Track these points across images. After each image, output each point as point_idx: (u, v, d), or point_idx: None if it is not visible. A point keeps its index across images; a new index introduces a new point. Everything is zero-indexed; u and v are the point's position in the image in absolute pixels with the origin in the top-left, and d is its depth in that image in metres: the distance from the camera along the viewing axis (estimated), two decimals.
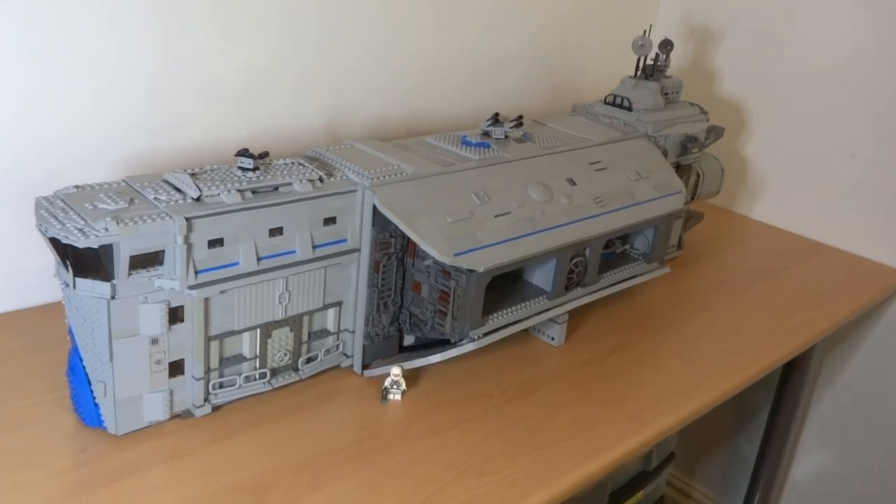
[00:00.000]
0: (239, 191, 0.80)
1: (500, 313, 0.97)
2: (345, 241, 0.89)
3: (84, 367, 0.78)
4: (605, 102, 1.30)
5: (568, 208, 1.00)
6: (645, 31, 1.27)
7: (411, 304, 0.95)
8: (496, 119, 1.06)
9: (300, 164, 0.89)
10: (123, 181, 0.81)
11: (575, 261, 1.03)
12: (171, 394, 0.81)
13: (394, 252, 0.92)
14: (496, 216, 0.93)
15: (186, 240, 0.75)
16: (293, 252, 0.85)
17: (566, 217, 0.99)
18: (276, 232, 0.83)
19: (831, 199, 1.54)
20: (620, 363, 1.05)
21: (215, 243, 0.78)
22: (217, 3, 1.05)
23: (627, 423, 0.92)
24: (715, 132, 1.39)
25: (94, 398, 0.79)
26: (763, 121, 1.62)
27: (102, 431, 0.80)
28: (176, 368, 0.81)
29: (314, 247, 0.86)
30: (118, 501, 0.73)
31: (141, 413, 0.80)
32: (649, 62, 1.31)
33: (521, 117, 1.07)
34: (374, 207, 0.87)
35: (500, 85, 1.47)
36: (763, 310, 1.25)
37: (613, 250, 1.16)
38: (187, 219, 0.75)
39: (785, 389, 1.56)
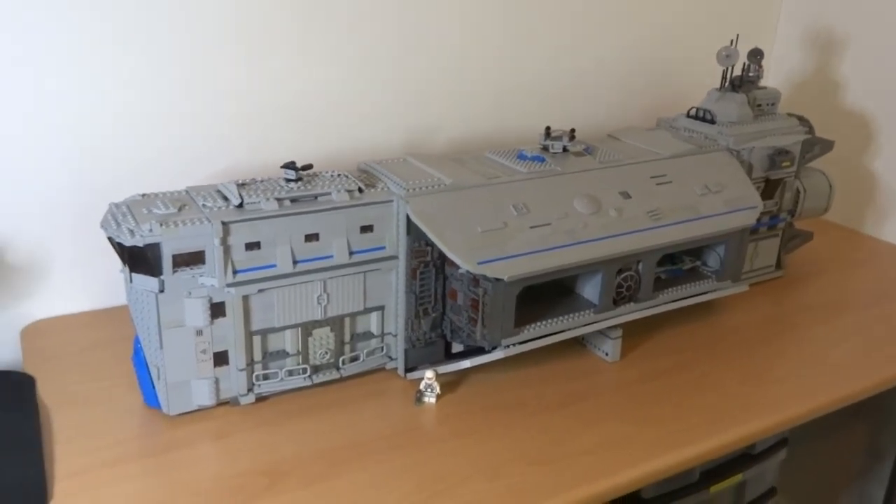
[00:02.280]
0: (277, 199, 0.88)
1: (538, 324, 0.98)
2: (383, 248, 0.94)
3: (143, 353, 0.89)
4: (688, 116, 1.26)
5: (615, 221, 0.99)
6: (732, 41, 1.22)
7: (450, 311, 0.98)
8: (548, 133, 1.07)
9: (345, 175, 0.95)
10: (185, 190, 0.91)
11: (624, 274, 1.01)
12: (217, 381, 0.90)
13: (430, 260, 0.96)
14: (532, 227, 0.94)
15: (224, 242, 0.84)
16: (330, 257, 0.91)
17: (611, 230, 0.98)
18: (311, 237, 0.89)
19: None
20: (673, 384, 1.02)
21: (252, 246, 0.86)
22: (298, 27, 1.15)
23: (654, 446, 0.89)
24: (821, 145, 1.30)
25: (151, 381, 0.89)
26: (892, 133, 1.48)
27: (159, 411, 0.91)
28: (221, 359, 0.89)
29: (351, 253, 0.92)
30: (161, 469, 0.83)
31: (190, 397, 0.89)
32: (741, 73, 1.25)
33: (573, 130, 1.08)
34: (408, 216, 0.92)
35: (597, 102, 1.47)
36: (860, 336, 1.15)
37: (681, 266, 1.12)
38: (224, 223, 0.84)
39: None
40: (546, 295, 1.05)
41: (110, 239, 0.83)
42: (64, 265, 1.11)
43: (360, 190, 0.93)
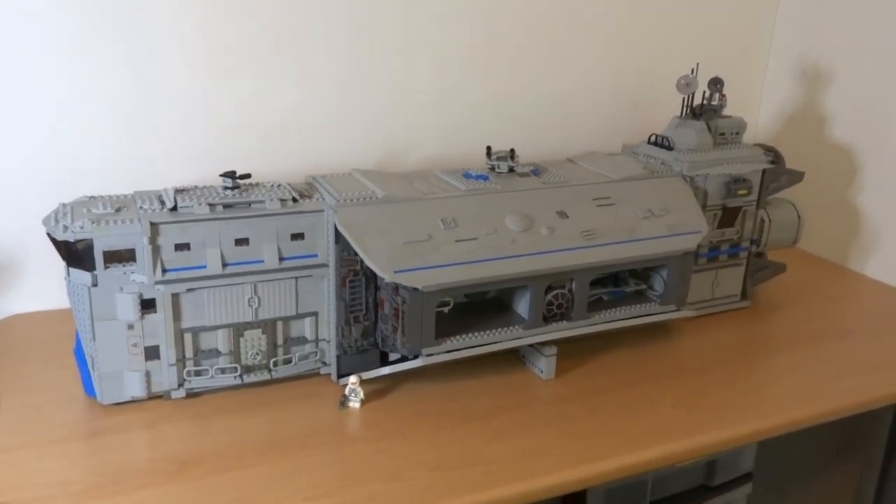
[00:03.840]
0: (210, 204, 0.93)
1: (464, 336, 1.00)
2: (315, 255, 0.99)
3: (82, 345, 0.95)
4: (649, 142, 1.27)
5: (545, 239, 1.01)
6: (692, 70, 1.23)
7: (381, 319, 1.01)
8: (489, 152, 1.10)
9: (284, 186, 1.00)
10: (131, 194, 0.98)
11: (555, 292, 1.03)
12: (149, 375, 0.95)
13: (360, 270, 0.99)
14: (458, 241, 0.97)
15: (153, 241, 0.90)
16: (261, 262, 0.96)
17: (539, 247, 1.00)
18: (242, 242, 0.94)
19: None
20: (605, 402, 1.02)
21: (182, 247, 0.92)
22: (267, 50, 1.22)
23: (566, 460, 0.90)
24: (790, 176, 1.30)
25: (89, 371, 0.95)
26: (878, 169, 1.46)
27: (95, 400, 0.96)
28: (152, 353, 0.95)
29: (282, 259, 0.97)
30: (83, 451, 0.89)
31: (122, 388, 0.95)
32: (702, 101, 1.26)
33: (512, 150, 1.10)
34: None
35: (579, 127, 1.49)
36: (811, 369, 1.13)
37: (623, 288, 1.13)
38: (152, 223, 0.89)
39: (889, 472, 1.37)
40: (484, 310, 1.07)
41: (49, 234, 0.90)
42: (40, 264, 1.18)
43: (295, 199, 0.98)
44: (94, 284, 0.90)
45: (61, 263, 1.16)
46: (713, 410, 1.02)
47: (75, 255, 0.88)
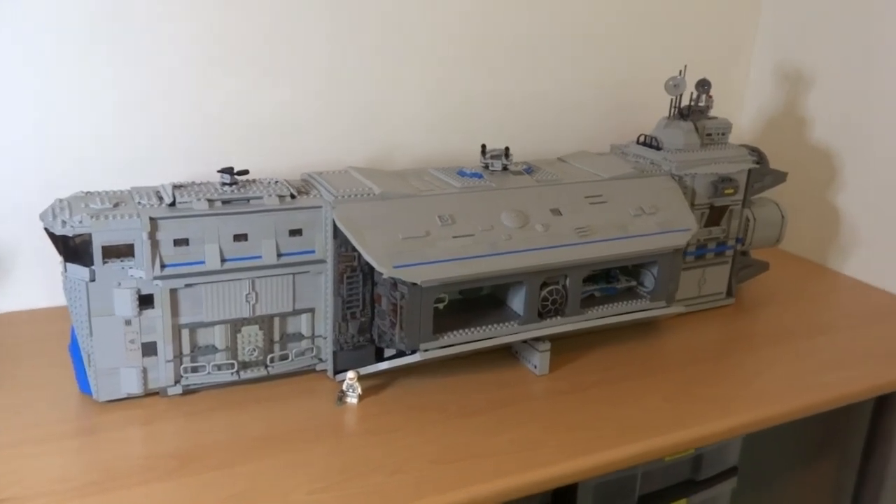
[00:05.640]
0: (209, 200, 0.93)
1: (461, 331, 1.01)
2: (312, 251, 0.99)
3: (78, 341, 0.94)
4: (638, 142, 1.29)
5: (540, 235, 1.03)
6: (680, 72, 1.26)
7: (378, 315, 1.02)
8: (484, 150, 1.11)
9: (281, 182, 1.01)
10: (127, 190, 0.97)
11: (549, 288, 1.04)
12: (145, 371, 0.95)
13: (358, 266, 1.00)
14: (455, 237, 0.98)
15: (152, 236, 0.90)
16: (259, 257, 0.96)
17: (535, 243, 1.02)
18: (240, 238, 0.95)
19: None
20: (597, 396, 1.04)
21: (181, 242, 0.92)
22: (256, 47, 1.22)
23: (558, 452, 0.91)
24: (773, 176, 1.33)
25: (84, 368, 0.94)
26: (857, 170, 1.50)
27: (91, 398, 0.95)
28: (149, 349, 0.94)
29: (280, 254, 0.97)
30: (80, 448, 0.88)
31: (119, 384, 0.94)
32: (689, 102, 1.29)
33: (507, 149, 1.12)
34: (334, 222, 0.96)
35: (567, 127, 1.51)
36: (801, 363, 1.16)
37: (615, 285, 1.15)
38: (151, 218, 0.89)
39: (868, 466, 1.40)
40: (479, 306, 1.08)
41: (46, 229, 0.89)
42: (30, 262, 1.17)
43: (293, 195, 0.98)
44: (92, 280, 0.89)
45: (46, 262, 1.17)
46: (702, 404, 1.04)
47: (73, 250, 0.88)
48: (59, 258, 0.92)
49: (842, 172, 1.52)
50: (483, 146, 1.12)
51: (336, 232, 0.97)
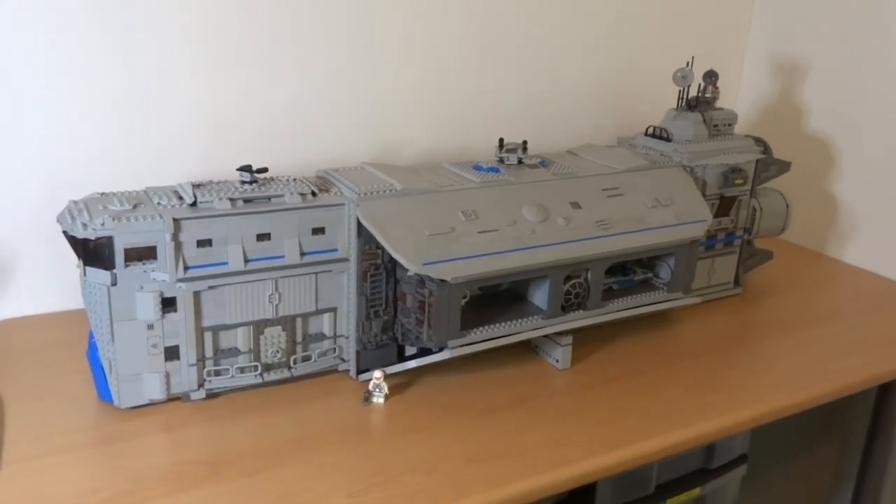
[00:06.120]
0: (231, 199, 0.91)
1: (487, 327, 1.00)
2: (335, 250, 0.97)
3: (97, 348, 0.91)
4: (646, 134, 1.30)
5: (563, 229, 1.02)
6: (687, 63, 1.26)
7: (401, 313, 1.01)
8: (501, 144, 1.11)
9: (300, 180, 0.99)
10: (143, 190, 0.95)
11: (572, 282, 1.04)
12: (168, 376, 0.92)
13: (381, 263, 0.98)
14: (480, 232, 0.97)
15: (175, 238, 0.87)
16: (282, 257, 0.94)
17: (558, 237, 1.01)
18: (263, 237, 0.93)
19: None
20: (620, 389, 1.04)
21: (204, 243, 0.89)
22: (260, 45, 1.20)
23: (592, 446, 0.91)
24: (778, 166, 1.34)
25: (104, 375, 0.92)
26: (854, 158, 1.52)
27: (111, 405, 0.93)
28: (172, 354, 0.92)
29: (303, 254, 0.95)
30: (105, 458, 0.85)
31: (141, 390, 0.92)
32: (697, 93, 1.29)
33: (525, 142, 1.11)
34: (358, 219, 0.95)
35: (566, 120, 1.51)
36: (807, 351, 1.17)
37: (632, 277, 1.15)
38: (175, 219, 0.87)
39: (872, 450, 1.43)
40: (499, 302, 1.07)
41: (65, 233, 0.86)
42: (31, 267, 1.14)
43: (314, 193, 0.96)
44: (114, 284, 0.86)
45: (52, 266, 1.14)
46: (725, 393, 1.04)
47: (94, 253, 0.85)
48: (74, 261, 0.89)
49: (838, 161, 1.54)
50: (500, 140, 1.12)
51: (360, 230, 0.96)
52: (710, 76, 1.27)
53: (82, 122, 1.12)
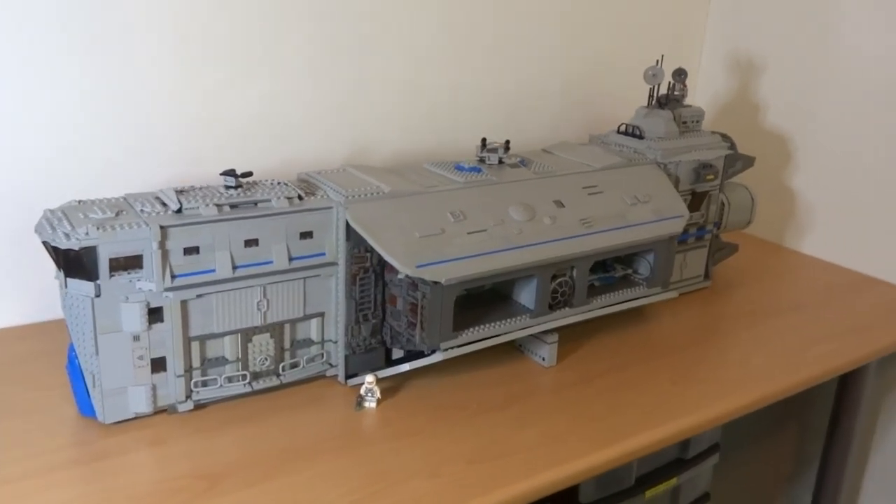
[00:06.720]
0: (217, 205, 0.89)
1: (476, 328, 1.00)
2: (323, 254, 0.96)
3: (78, 361, 0.88)
4: (618, 132, 1.31)
5: (549, 228, 1.03)
6: (657, 61, 1.28)
7: (390, 316, 1.00)
8: (484, 144, 1.11)
9: (284, 184, 0.97)
10: (122, 197, 0.91)
11: (559, 280, 1.05)
12: (155, 388, 0.89)
13: (370, 266, 0.97)
14: (469, 233, 0.97)
15: (162, 246, 0.84)
16: (270, 262, 0.92)
17: (545, 236, 1.02)
18: (251, 243, 0.90)
19: (885, 231, 1.46)
20: (608, 385, 1.05)
21: (191, 251, 0.87)
22: (232, 42, 1.17)
23: (589, 442, 0.92)
24: (743, 161, 1.37)
25: (86, 389, 0.88)
26: (810, 152, 1.57)
27: (94, 420, 0.89)
28: (158, 365, 0.89)
29: (291, 259, 0.93)
30: (94, 476, 0.82)
31: (126, 404, 0.88)
32: (667, 91, 1.32)
33: (507, 142, 1.11)
34: (347, 223, 0.93)
35: (533, 119, 1.52)
36: (781, 340, 1.20)
37: (613, 274, 1.16)
38: (162, 227, 0.84)
39: (835, 435, 1.48)
40: (483, 302, 1.07)
41: (45, 243, 0.82)
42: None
43: (300, 197, 0.95)
44: (98, 295, 0.83)
45: (19, 276, 1.09)
46: (709, 384, 1.07)
47: (77, 263, 0.82)
48: (43, 271, 0.86)
49: (795, 155, 1.59)
50: (483, 139, 1.11)
51: (348, 233, 0.94)
52: (680, 74, 1.29)
53: (48, 127, 1.07)
